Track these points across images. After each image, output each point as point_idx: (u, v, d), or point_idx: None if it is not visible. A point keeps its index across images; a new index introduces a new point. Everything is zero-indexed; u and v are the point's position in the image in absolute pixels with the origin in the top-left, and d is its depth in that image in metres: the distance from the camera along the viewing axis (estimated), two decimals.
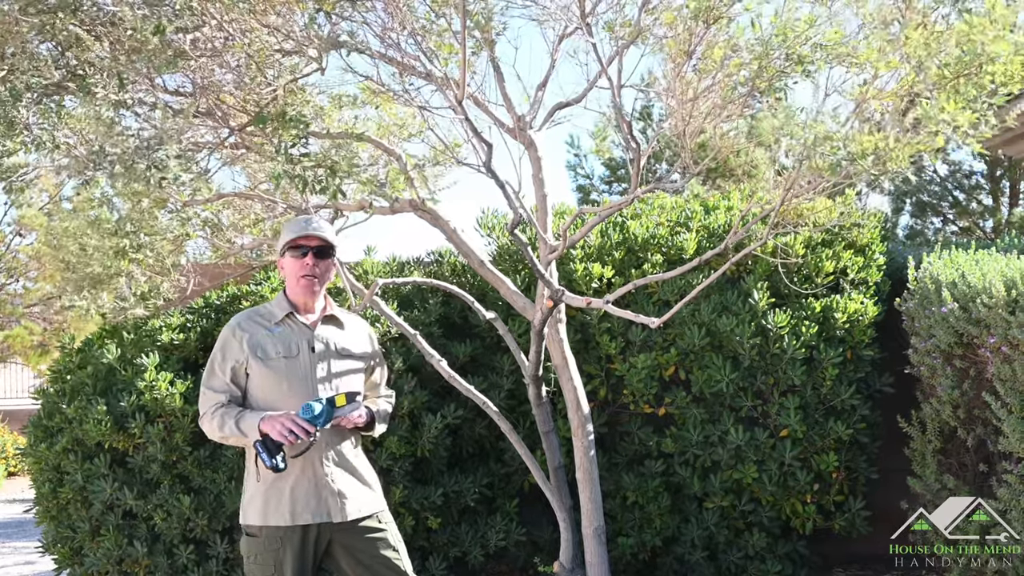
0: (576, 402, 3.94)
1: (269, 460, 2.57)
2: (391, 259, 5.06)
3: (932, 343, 3.85)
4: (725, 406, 4.41)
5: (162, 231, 4.12)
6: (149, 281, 4.46)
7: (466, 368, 4.59)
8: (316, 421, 2.60)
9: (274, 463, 2.57)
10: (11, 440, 12.46)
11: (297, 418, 2.58)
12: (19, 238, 15.02)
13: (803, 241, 4.51)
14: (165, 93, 3.67)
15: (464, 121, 3.62)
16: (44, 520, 4.66)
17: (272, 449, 2.58)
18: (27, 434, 4.76)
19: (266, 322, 2.79)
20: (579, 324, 4.50)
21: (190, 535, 4.38)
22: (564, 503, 3.98)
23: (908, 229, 13.78)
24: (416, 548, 4.38)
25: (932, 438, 3.98)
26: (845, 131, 3.04)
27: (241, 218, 4.70)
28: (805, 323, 4.33)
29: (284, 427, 2.57)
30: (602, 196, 13.91)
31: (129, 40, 3.25)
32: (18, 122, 3.17)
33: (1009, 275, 3.43)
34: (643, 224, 4.69)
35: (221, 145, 3.79)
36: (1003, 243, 4.76)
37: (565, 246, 3.69)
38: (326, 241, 2.80)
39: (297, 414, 2.60)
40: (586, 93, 3.97)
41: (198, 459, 4.41)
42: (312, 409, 2.60)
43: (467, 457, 4.67)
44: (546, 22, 3.92)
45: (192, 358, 4.71)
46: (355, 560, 2.72)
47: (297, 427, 2.57)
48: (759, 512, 4.39)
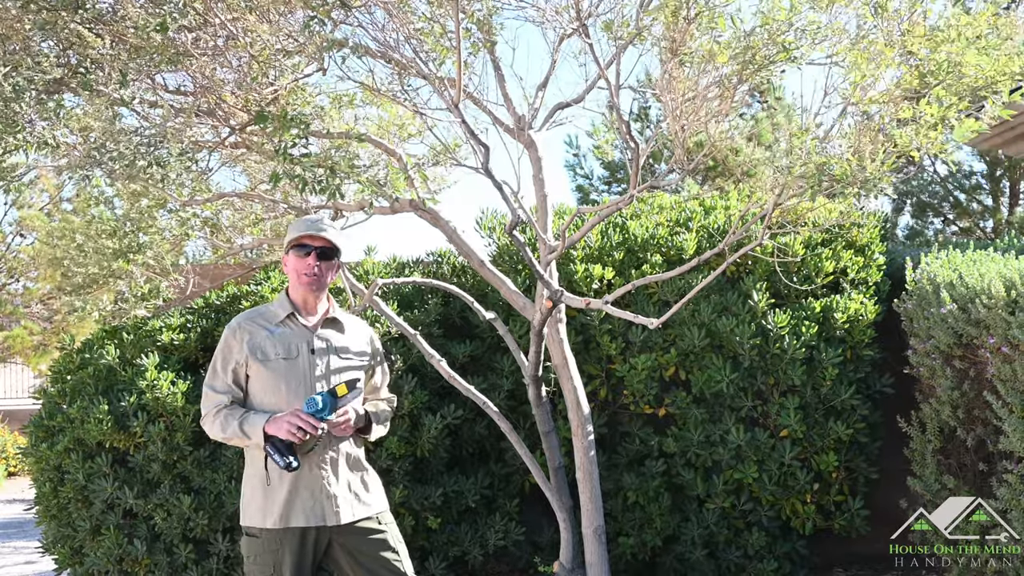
0: (576, 402, 3.94)
1: (283, 460, 2.58)
2: (391, 259, 5.06)
3: (931, 344, 3.85)
4: (725, 406, 4.41)
5: (161, 231, 4.12)
6: (149, 282, 4.46)
7: (466, 368, 4.59)
8: (321, 414, 2.61)
9: (288, 462, 2.58)
10: (11, 440, 12.47)
11: (302, 414, 2.59)
12: (19, 238, 15.02)
13: (803, 241, 4.51)
14: (166, 92, 3.68)
15: (461, 124, 3.63)
16: (44, 520, 4.66)
17: (283, 449, 2.59)
18: (27, 434, 4.76)
19: (267, 323, 2.79)
20: (580, 325, 4.50)
21: (190, 535, 4.38)
22: (564, 503, 3.98)
23: (908, 229, 13.78)
24: (416, 548, 4.38)
25: (932, 438, 3.98)
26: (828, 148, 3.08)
27: (241, 218, 4.71)
28: (805, 323, 4.33)
29: (291, 425, 2.58)
30: (601, 196, 13.92)
31: (132, 37, 3.25)
32: (20, 119, 3.17)
33: (1008, 275, 3.43)
34: (643, 224, 4.69)
35: (221, 144, 3.79)
36: (1002, 243, 4.77)
37: (564, 246, 3.69)
38: (330, 242, 2.79)
39: (301, 410, 2.61)
40: (585, 94, 3.97)
41: (198, 459, 4.42)
42: (316, 403, 2.62)
43: (467, 457, 4.68)
44: (545, 23, 3.93)
45: (192, 358, 4.72)
46: (355, 561, 2.72)
47: (304, 423, 2.58)
48: (759, 511, 4.39)
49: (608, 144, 12.16)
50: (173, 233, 4.20)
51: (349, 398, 2.68)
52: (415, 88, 3.94)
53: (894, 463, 4.38)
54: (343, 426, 2.71)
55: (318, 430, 2.60)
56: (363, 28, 3.70)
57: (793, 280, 4.43)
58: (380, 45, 3.72)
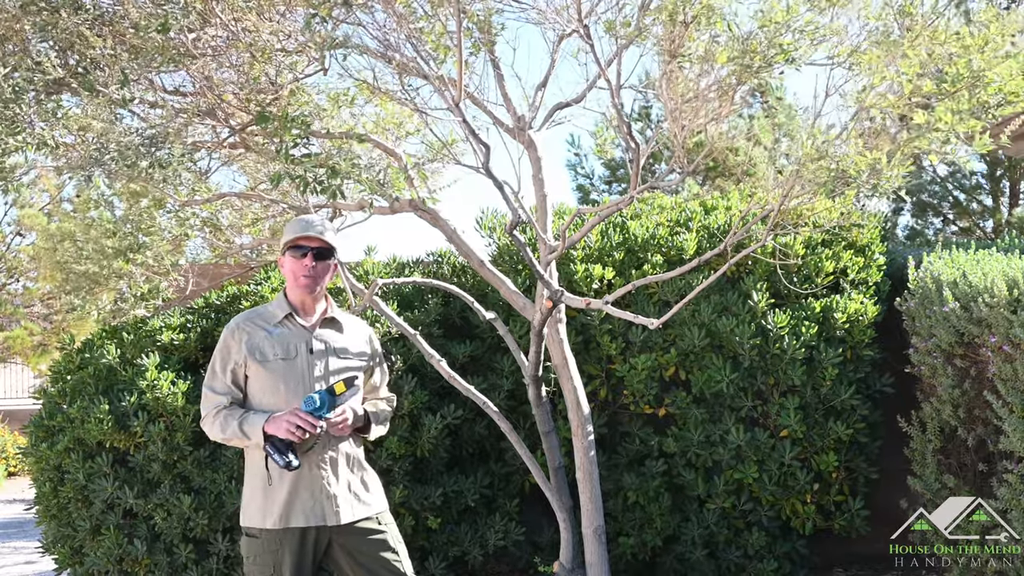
0: (576, 402, 3.94)
1: (282, 459, 2.58)
2: (391, 259, 5.06)
3: (933, 343, 3.85)
4: (725, 406, 4.41)
5: (161, 231, 4.12)
6: (148, 281, 4.46)
7: (466, 368, 4.58)
8: (319, 412, 2.61)
9: (288, 461, 2.58)
10: (11, 440, 12.46)
11: (300, 413, 2.59)
12: (19, 238, 15.02)
13: (803, 241, 4.51)
14: (166, 92, 3.68)
15: (462, 123, 3.63)
16: (44, 520, 4.66)
17: (282, 449, 2.59)
18: (28, 434, 4.76)
19: (265, 323, 2.79)
20: (580, 325, 4.50)
21: (190, 535, 4.38)
22: (564, 503, 3.98)
23: (908, 229, 13.77)
24: (416, 548, 4.38)
25: (932, 438, 3.98)
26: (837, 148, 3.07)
27: (240, 218, 4.71)
28: (805, 323, 4.33)
29: (290, 424, 2.58)
30: (602, 196, 13.91)
31: (132, 38, 3.25)
32: (20, 120, 3.17)
33: (1011, 274, 3.43)
34: (643, 224, 4.69)
35: (221, 145, 3.79)
36: (1003, 243, 4.76)
37: (564, 246, 3.69)
38: (326, 243, 2.79)
39: (299, 408, 2.61)
40: (585, 93, 3.97)
41: (198, 459, 4.42)
42: (314, 401, 2.61)
43: (467, 457, 4.67)
44: (545, 23, 3.93)
45: (192, 358, 4.71)
46: (355, 561, 2.72)
47: (303, 421, 2.57)
48: (759, 511, 4.39)
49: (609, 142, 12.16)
50: (173, 233, 4.20)
51: (347, 396, 2.67)
52: (415, 88, 3.94)
53: (894, 463, 4.38)
54: (341, 426, 2.70)
55: (317, 428, 2.59)
56: (363, 27, 3.70)
57: (793, 280, 4.43)
58: (381, 44, 3.72)
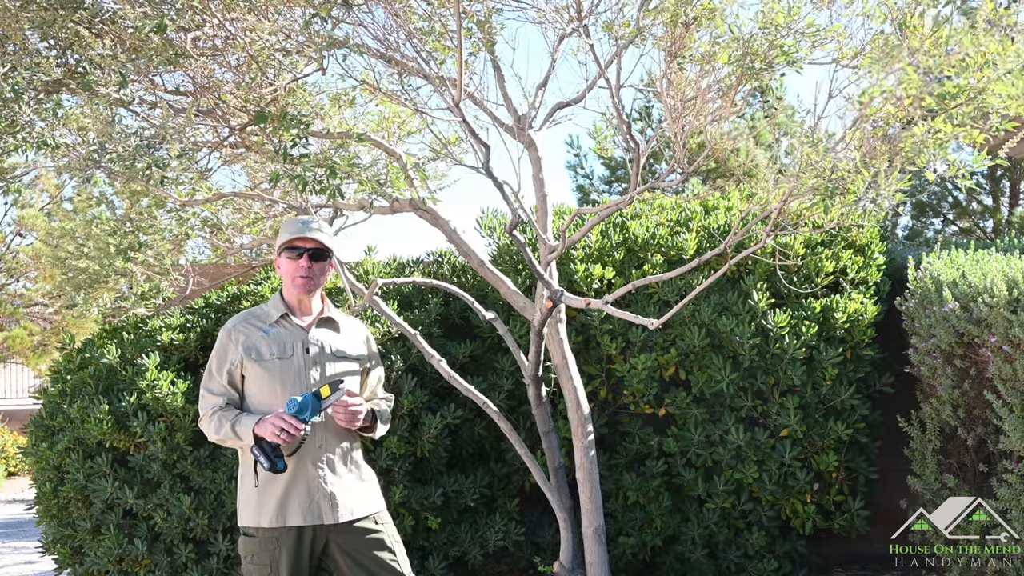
0: (576, 402, 3.94)
1: (267, 462, 2.59)
2: (391, 259, 5.06)
3: (932, 343, 3.85)
4: (725, 406, 4.41)
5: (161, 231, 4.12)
6: (149, 281, 4.46)
7: (466, 368, 4.58)
8: (302, 415, 2.59)
9: (272, 463, 2.58)
10: (11, 440, 12.46)
11: (285, 415, 2.58)
12: (19, 238, 15.03)
13: (803, 241, 4.51)
14: (165, 92, 3.68)
15: (462, 123, 3.63)
16: (44, 519, 4.66)
17: (268, 451, 2.59)
18: (28, 434, 4.76)
19: (261, 323, 2.80)
20: (580, 325, 4.50)
21: (190, 535, 4.38)
22: (564, 503, 3.98)
23: (908, 229, 13.77)
24: (416, 548, 4.39)
25: (932, 438, 3.98)
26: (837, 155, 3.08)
27: (240, 217, 4.70)
28: (805, 323, 4.33)
29: (275, 427, 2.57)
30: (602, 196, 13.91)
31: (130, 38, 3.25)
32: (20, 120, 3.17)
33: (1011, 274, 3.43)
34: (643, 224, 4.69)
35: (221, 144, 3.79)
36: (1003, 243, 4.76)
37: (564, 246, 3.69)
38: (322, 244, 2.79)
39: (283, 411, 2.61)
40: (585, 93, 3.97)
41: (198, 459, 4.42)
42: (296, 403, 2.60)
43: (467, 457, 4.67)
44: (545, 23, 3.93)
45: (192, 358, 4.71)
46: (352, 561, 2.72)
47: (286, 424, 2.57)
48: (759, 511, 4.39)
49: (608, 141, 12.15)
50: (173, 233, 4.20)
51: (333, 398, 2.66)
52: (415, 88, 3.94)
53: (894, 463, 4.38)
54: (355, 415, 2.69)
55: (301, 431, 2.59)
56: (363, 27, 3.70)
57: (793, 280, 4.43)
58: (380, 44, 3.72)
